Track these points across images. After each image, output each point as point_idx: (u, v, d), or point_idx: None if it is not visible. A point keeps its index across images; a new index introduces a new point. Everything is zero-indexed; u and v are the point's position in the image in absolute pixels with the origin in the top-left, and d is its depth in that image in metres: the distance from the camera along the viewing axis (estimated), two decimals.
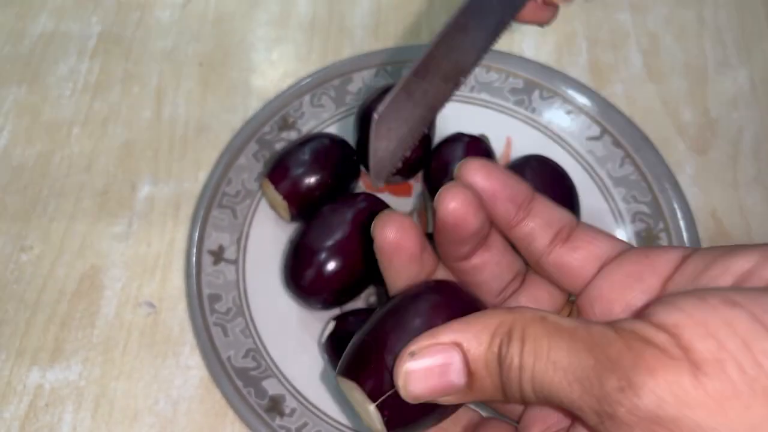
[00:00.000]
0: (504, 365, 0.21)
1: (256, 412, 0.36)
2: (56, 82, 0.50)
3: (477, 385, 0.22)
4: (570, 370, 0.20)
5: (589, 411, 0.20)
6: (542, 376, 0.20)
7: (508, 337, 0.21)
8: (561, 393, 0.20)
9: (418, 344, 0.22)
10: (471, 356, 0.22)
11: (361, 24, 0.52)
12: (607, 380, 0.19)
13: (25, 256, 0.43)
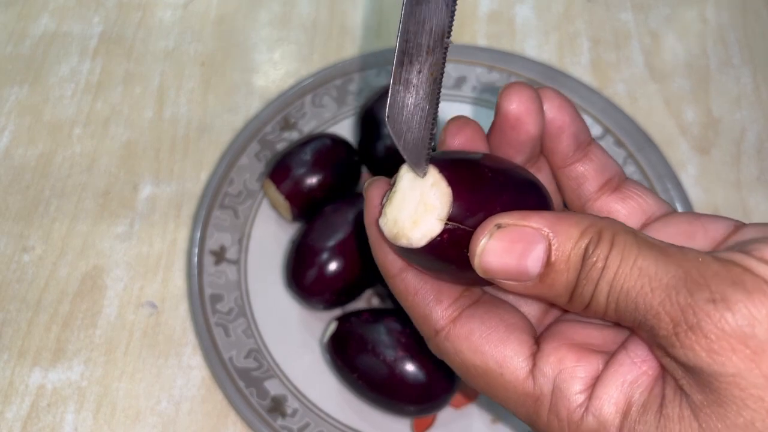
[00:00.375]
0: (587, 263, 0.21)
1: (258, 413, 0.36)
2: (58, 82, 0.50)
3: (549, 279, 0.21)
4: (656, 278, 0.19)
5: (666, 318, 0.19)
6: (624, 279, 0.20)
7: (597, 237, 0.21)
8: (639, 298, 0.20)
9: (505, 218, 0.22)
10: (556, 247, 0.21)
11: (362, 24, 0.52)
12: (699, 291, 0.19)
13: (27, 257, 0.43)
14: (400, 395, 0.35)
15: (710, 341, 0.18)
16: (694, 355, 0.19)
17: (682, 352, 0.19)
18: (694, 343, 0.19)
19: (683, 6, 0.53)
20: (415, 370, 0.35)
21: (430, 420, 0.37)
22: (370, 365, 0.35)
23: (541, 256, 0.21)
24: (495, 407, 0.37)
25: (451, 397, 0.36)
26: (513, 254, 0.21)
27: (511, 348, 0.23)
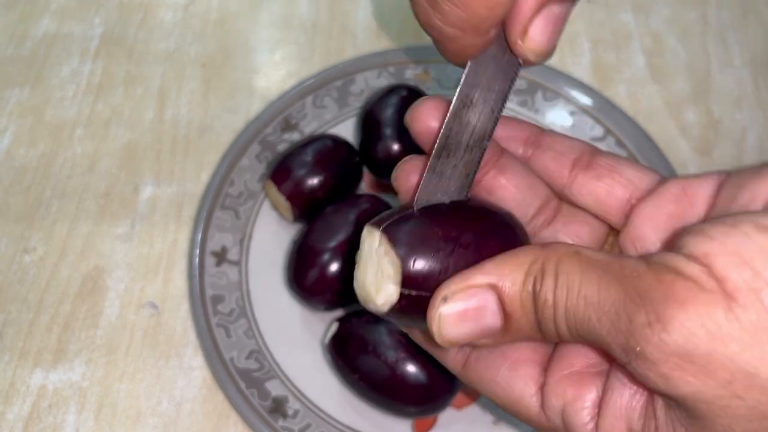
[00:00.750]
0: (538, 303, 0.20)
1: (259, 414, 0.36)
2: (59, 83, 0.50)
3: (514, 326, 0.21)
4: (600, 305, 0.19)
5: (617, 348, 0.19)
6: (575, 312, 0.20)
7: (541, 274, 0.21)
8: (591, 328, 0.19)
9: (449, 288, 0.22)
10: (506, 297, 0.21)
11: (363, 25, 0.52)
12: (635, 315, 0.18)
13: (28, 257, 0.43)
14: (401, 396, 0.35)
15: (657, 366, 0.18)
16: (651, 382, 0.18)
17: (641, 378, 0.19)
18: (645, 371, 0.18)
19: (684, 7, 0.53)
20: (416, 371, 0.35)
21: (431, 421, 0.37)
22: (371, 366, 0.35)
23: (496, 309, 0.21)
24: (497, 409, 0.37)
25: (452, 398, 0.36)
26: (469, 318, 0.21)
27: (518, 388, 0.23)
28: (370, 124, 0.42)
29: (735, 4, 0.52)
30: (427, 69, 0.48)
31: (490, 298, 0.21)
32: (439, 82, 0.47)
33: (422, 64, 0.48)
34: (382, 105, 0.42)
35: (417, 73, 0.48)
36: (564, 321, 0.20)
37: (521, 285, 0.21)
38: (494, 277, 0.21)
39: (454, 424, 0.37)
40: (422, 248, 0.22)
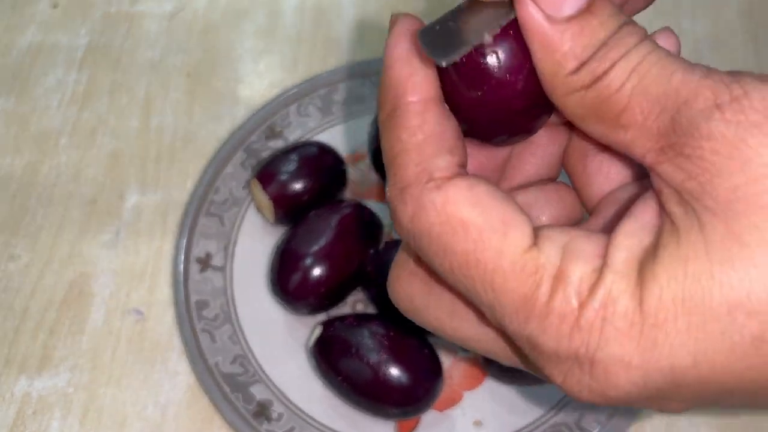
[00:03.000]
0: (622, 30, 0.19)
1: (243, 417, 0.37)
2: (44, 93, 0.50)
3: (578, 24, 0.19)
4: (692, 66, 0.18)
5: (706, 92, 0.18)
6: (659, 56, 0.19)
7: (638, 27, 0.19)
8: (677, 74, 0.18)
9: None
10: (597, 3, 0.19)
11: (346, 35, 0.53)
12: (742, 76, 0.18)
13: (13, 265, 0.43)
14: (383, 398, 0.36)
15: (756, 111, 0.17)
16: (736, 125, 0.17)
17: (723, 123, 0.17)
18: (737, 113, 0.17)
19: (659, 18, 0.54)
20: (399, 372, 0.35)
21: (413, 423, 0.37)
22: (354, 368, 0.36)
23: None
24: (478, 410, 0.38)
25: (434, 400, 0.36)
26: None
27: (519, 213, 0.19)
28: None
29: (709, 16, 0.54)
30: None
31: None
32: None
33: None
34: None
35: None
36: (639, 57, 0.19)
37: (615, 11, 0.19)
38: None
39: (436, 426, 0.37)
40: None
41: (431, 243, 0.19)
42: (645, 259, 0.18)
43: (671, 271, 0.17)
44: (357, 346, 0.36)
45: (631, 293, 0.17)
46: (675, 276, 0.17)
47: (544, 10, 0.19)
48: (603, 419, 0.37)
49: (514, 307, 0.19)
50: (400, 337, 0.36)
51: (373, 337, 0.36)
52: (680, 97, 0.18)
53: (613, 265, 0.18)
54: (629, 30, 0.19)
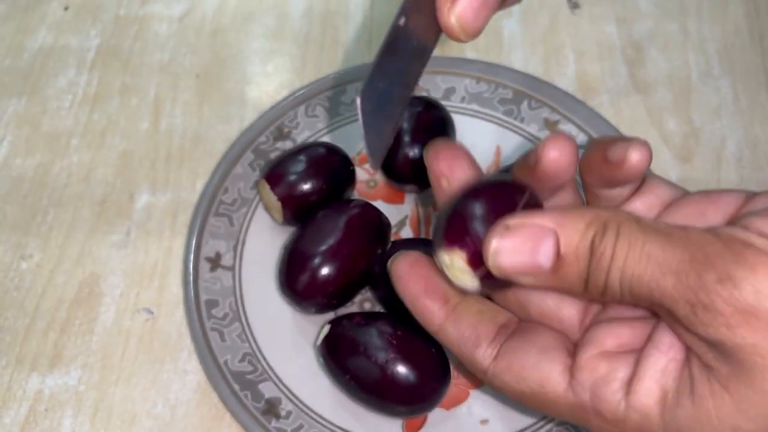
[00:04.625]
0: (596, 254, 0.22)
1: (252, 415, 0.37)
2: (55, 94, 0.51)
3: (562, 271, 0.23)
4: (665, 263, 0.21)
5: (682, 301, 0.20)
6: (634, 267, 0.21)
7: (603, 229, 0.22)
8: (652, 284, 0.21)
9: (513, 220, 0.23)
10: (564, 241, 0.22)
11: (354, 37, 0.53)
12: (706, 273, 0.20)
13: (24, 264, 0.44)
14: (391, 396, 0.36)
15: (726, 317, 0.20)
16: (715, 331, 0.20)
17: (702, 329, 0.20)
18: (712, 320, 0.20)
19: (665, 19, 0.54)
20: (406, 371, 0.35)
21: (421, 421, 0.38)
22: (361, 367, 0.36)
23: (551, 249, 0.23)
24: (485, 408, 0.38)
25: (441, 399, 0.37)
26: (524, 251, 0.23)
27: (546, 368, 0.25)
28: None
29: (714, 17, 0.54)
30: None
31: (548, 237, 0.23)
32: (427, 93, 0.48)
33: None
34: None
35: None
36: (618, 274, 0.21)
37: (581, 234, 0.22)
38: (556, 221, 0.23)
39: (443, 424, 0.38)
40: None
41: (516, 401, 0.27)
42: (665, 407, 0.22)
43: (688, 425, 0.21)
44: (365, 344, 0.36)
45: (659, 430, 0.22)
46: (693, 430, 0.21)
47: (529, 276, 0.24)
48: None
49: (582, 423, 0.25)
50: (407, 335, 0.36)
51: (380, 335, 0.36)
52: (665, 305, 0.21)
53: (640, 407, 0.23)
54: (603, 244, 0.22)
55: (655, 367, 0.23)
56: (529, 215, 0.23)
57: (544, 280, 0.23)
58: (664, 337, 0.23)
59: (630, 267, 0.21)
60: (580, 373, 0.24)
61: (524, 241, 0.23)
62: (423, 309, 0.28)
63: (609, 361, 0.24)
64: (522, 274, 0.23)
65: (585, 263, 0.22)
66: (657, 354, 0.23)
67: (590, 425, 0.24)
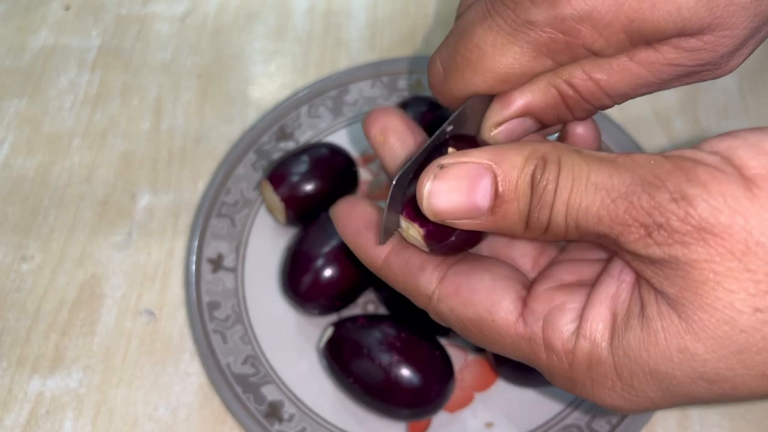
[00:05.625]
0: (537, 189, 0.21)
1: (255, 418, 0.37)
2: (57, 94, 0.51)
3: (501, 210, 0.22)
4: (614, 188, 0.20)
5: (635, 224, 0.20)
6: (581, 198, 0.20)
7: (543, 163, 0.21)
8: (602, 211, 0.20)
9: (446, 159, 0.22)
10: (502, 177, 0.21)
11: (357, 36, 0.53)
12: (658, 193, 0.19)
13: (26, 266, 0.44)
14: (394, 399, 0.35)
15: (681, 235, 0.19)
16: (669, 249, 0.19)
17: (657, 249, 0.20)
18: (667, 238, 0.19)
19: None
20: (410, 374, 0.35)
21: (425, 424, 0.37)
22: (365, 369, 0.35)
23: (488, 188, 0.21)
24: (490, 412, 0.38)
25: (445, 402, 0.36)
26: (460, 192, 0.22)
27: (498, 294, 0.23)
28: None
29: None
30: (420, 79, 0.49)
31: (485, 174, 0.21)
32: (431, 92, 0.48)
33: (415, 75, 0.49)
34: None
35: (410, 83, 0.49)
36: (563, 209, 0.21)
37: (520, 169, 0.21)
38: (493, 157, 0.22)
39: (447, 427, 0.37)
40: None
41: (460, 333, 0.25)
42: (615, 331, 0.21)
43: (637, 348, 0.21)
44: (368, 347, 0.36)
45: (606, 360, 0.21)
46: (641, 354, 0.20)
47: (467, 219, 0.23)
48: (614, 421, 0.36)
49: (525, 361, 0.24)
50: (411, 338, 0.36)
51: (384, 338, 0.36)
52: (614, 231, 0.20)
53: (589, 334, 0.21)
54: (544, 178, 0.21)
55: (606, 292, 0.22)
56: (463, 154, 0.22)
57: (482, 221, 0.22)
58: (616, 263, 0.22)
59: (576, 199, 0.20)
60: (535, 302, 0.23)
61: (459, 181, 0.21)
62: (366, 243, 0.26)
63: (566, 292, 0.23)
64: (459, 217, 0.22)
65: (525, 200, 0.21)
66: (609, 280, 0.22)
67: (539, 361, 0.23)
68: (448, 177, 0.22)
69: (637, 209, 0.20)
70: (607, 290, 0.22)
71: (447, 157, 0.22)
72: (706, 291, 0.19)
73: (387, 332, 0.36)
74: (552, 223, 0.21)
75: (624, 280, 0.22)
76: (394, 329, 0.36)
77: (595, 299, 0.22)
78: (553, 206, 0.21)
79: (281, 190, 0.41)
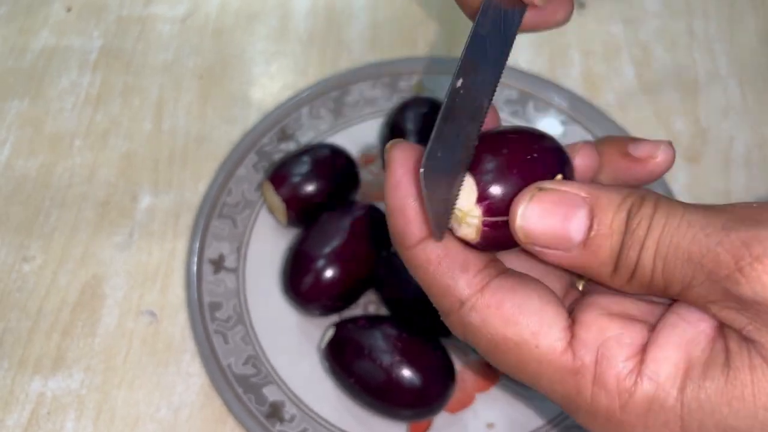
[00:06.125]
0: (631, 224, 0.20)
1: (256, 419, 0.37)
2: (58, 95, 0.51)
3: (594, 245, 0.21)
4: (709, 224, 0.19)
5: (727, 256, 0.18)
6: (672, 234, 0.19)
7: (640, 202, 0.20)
8: (693, 246, 0.19)
9: (546, 183, 0.21)
10: (598, 213, 0.21)
11: (358, 37, 0.53)
12: (756, 226, 0.18)
13: (27, 266, 0.44)
14: (396, 399, 0.35)
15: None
16: (762, 287, 0.18)
17: (748, 286, 0.18)
18: (761, 273, 0.18)
19: (672, 19, 0.54)
20: (411, 374, 0.35)
21: (426, 425, 0.37)
22: (366, 370, 0.36)
23: (584, 221, 0.21)
24: (491, 412, 0.38)
25: (446, 402, 0.36)
26: (555, 217, 0.21)
27: (548, 318, 0.21)
28: (398, 136, 0.43)
29: (721, 16, 0.53)
30: (421, 80, 0.49)
31: (582, 206, 0.21)
32: (432, 93, 0.48)
33: (416, 76, 0.49)
34: (407, 117, 0.43)
35: (411, 84, 0.49)
36: (654, 246, 0.20)
37: (617, 206, 0.21)
38: (592, 191, 0.21)
39: (448, 428, 0.37)
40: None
41: (486, 353, 0.22)
42: (689, 378, 0.19)
43: (716, 401, 0.19)
44: (369, 347, 0.36)
45: (672, 408, 0.19)
46: (719, 408, 0.19)
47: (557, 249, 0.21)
48: None
49: (563, 403, 0.21)
50: (412, 339, 0.36)
51: (385, 338, 0.36)
52: (705, 268, 0.19)
53: (656, 376, 0.20)
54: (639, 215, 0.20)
55: (680, 336, 0.20)
56: (563, 183, 0.21)
57: (572, 255, 0.21)
58: (691, 310, 0.20)
59: (667, 236, 0.19)
60: (586, 332, 0.21)
61: (556, 207, 0.21)
62: (411, 213, 0.22)
63: (620, 323, 0.21)
64: (549, 246, 0.21)
65: (619, 237, 0.20)
66: (684, 325, 0.20)
67: (581, 398, 0.20)
68: (546, 201, 0.21)
69: (732, 240, 0.18)
70: (682, 334, 0.20)
71: (548, 182, 0.21)
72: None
73: (388, 333, 0.36)
74: (640, 263, 0.20)
75: (703, 330, 0.20)
76: (395, 330, 0.36)
77: (665, 341, 0.20)
78: (644, 243, 0.20)
79: (282, 191, 0.41)
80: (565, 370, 0.21)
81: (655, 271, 0.20)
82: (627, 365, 0.20)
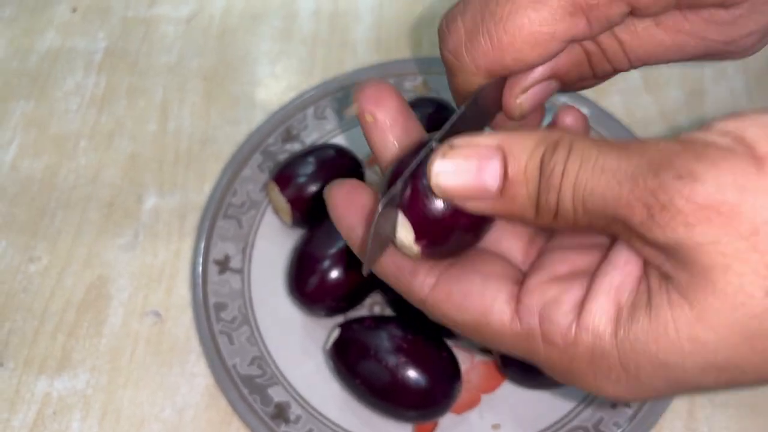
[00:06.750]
0: (545, 170, 0.21)
1: (261, 419, 0.37)
2: (63, 96, 0.51)
3: (510, 192, 0.21)
4: (620, 170, 0.19)
5: (638, 204, 0.19)
6: (587, 179, 0.20)
7: (553, 146, 0.21)
8: (607, 192, 0.19)
9: (456, 140, 0.22)
10: (511, 160, 0.21)
11: (363, 38, 0.53)
12: (665, 171, 0.19)
13: (32, 267, 0.44)
14: (401, 400, 0.35)
15: (685, 215, 0.18)
16: (672, 232, 0.19)
17: (660, 232, 0.19)
18: (670, 220, 0.19)
19: None
20: (417, 375, 0.35)
21: (431, 426, 0.37)
22: (372, 371, 0.35)
23: (498, 169, 0.21)
24: (497, 413, 0.38)
25: (452, 403, 0.36)
26: (469, 172, 0.22)
27: (490, 295, 0.23)
28: None
29: None
30: (426, 81, 0.49)
31: (494, 156, 0.21)
32: (437, 94, 0.48)
33: (421, 76, 0.49)
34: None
35: (416, 85, 0.49)
36: (570, 190, 0.20)
37: (530, 152, 0.21)
38: (503, 140, 0.22)
39: (454, 429, 0.37)
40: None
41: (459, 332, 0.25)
42: (619, 323, 0.21)
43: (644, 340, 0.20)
44: (375, 348, 0.35)
45: (611, 353, 0.21)
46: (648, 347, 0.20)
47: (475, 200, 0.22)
48: (622, 423, 0.36)
49: (526, 358, 0.23)
50: (418, 339, 0.36)
51: (391, 339, 0.36)
52: (620, 214, 0.20)
53: (592, 326, 0.21)
54: (553, 160, 0.21)
55: (609, 283, 0.21)
56: (474, 136, 0.22)
57: (491, 204, 0.22)
58: (621, 253, 0.21)
59: (582, 181, 0.20)
60: (528, 297, 0.22)
61: (469, 161, 0.21)
62: (357, 243, 0.25)
63: (560, 284, 0.22)
64: (467, 198, 0.22)
65: (534, 183, 0.21)
66: (612, 271, 0.21)
67: (538, 356, 0.22)
68: (458, 156, 0.22)
69: (642, 189, 0.19)
70: (611, 281, 0.21)
71: (458, 138, 0.22)
72: (716, 276, 0.18)
73: (393, 333, 0.36)
74: (560, 207, 0.21)
75: (630, 272, 0.21)
76: (401, 330, 0.36)
77: (598, 290, 0.21)
78: (561, 188, 0.20)
79: (287, 192, 0.41)
80: (518, 337, 0.23)
81: (576, 213, 0.21)
82: (566, 319, 0.21)
